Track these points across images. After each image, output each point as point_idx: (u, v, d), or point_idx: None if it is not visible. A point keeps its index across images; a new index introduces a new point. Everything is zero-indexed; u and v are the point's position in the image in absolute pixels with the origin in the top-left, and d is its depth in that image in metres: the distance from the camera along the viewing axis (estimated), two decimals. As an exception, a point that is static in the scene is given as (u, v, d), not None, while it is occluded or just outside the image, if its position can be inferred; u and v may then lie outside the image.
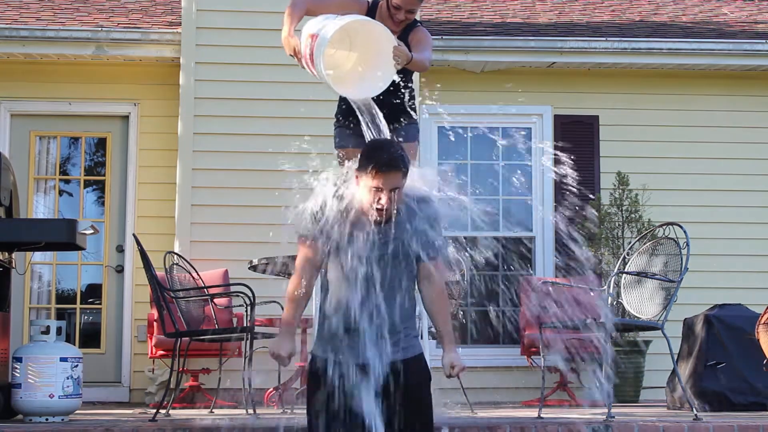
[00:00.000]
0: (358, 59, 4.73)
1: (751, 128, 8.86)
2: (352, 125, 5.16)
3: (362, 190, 3.66)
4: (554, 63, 8.64)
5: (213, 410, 6.60)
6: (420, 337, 3.87)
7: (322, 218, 3.72)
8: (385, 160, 3.61)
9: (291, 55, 4.81)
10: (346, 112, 5.17)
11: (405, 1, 5.00)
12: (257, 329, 6.14)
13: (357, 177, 3.67)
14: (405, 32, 5.12)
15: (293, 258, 5.30)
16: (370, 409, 3.61)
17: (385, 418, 3.64)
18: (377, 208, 3.64)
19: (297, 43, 4.76)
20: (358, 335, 3.65)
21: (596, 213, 8.35)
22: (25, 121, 8.53)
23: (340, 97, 5.22)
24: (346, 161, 5.19)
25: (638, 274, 5.89)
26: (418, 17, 8.07)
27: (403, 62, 4.58)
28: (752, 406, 6.21)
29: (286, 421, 5.18)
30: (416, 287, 3.83)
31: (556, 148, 8.70)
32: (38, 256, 8.32)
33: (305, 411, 3.75)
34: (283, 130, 8.02)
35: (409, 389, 3.65)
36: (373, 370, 3.63)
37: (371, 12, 5.14)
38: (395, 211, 3.69)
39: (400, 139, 5.13)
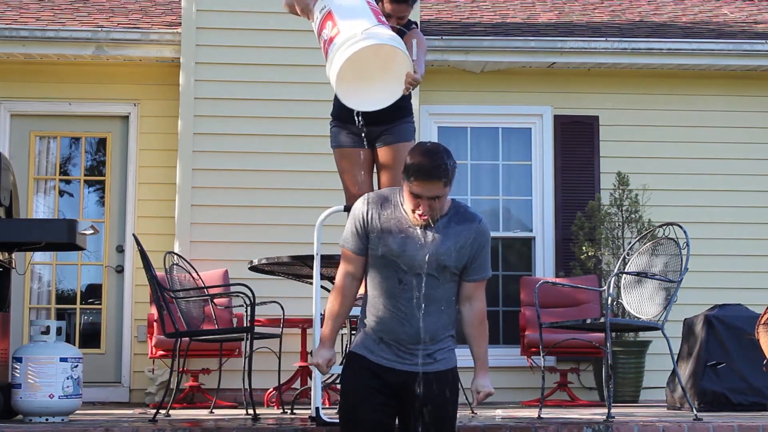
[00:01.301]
0: (368, 69, 4.65)
1: (751, 128, 8.86)
2: (347, 125, 5.16)
3: (405, 194, 3.62)
4: (554, 63, 8.64)
5: (213, 410, 6.60)
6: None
7: (363, 228, 3.66)
8: (426, 168, 3.56)
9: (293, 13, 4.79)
10: (341, 111, 5.17)
11: (395, 10, 5.03)
12: (257, 329, 6.14)
13: (403, 180, 3.63)
14: (399, 35, 5.10)
15: (294, 258, 5.31)
16: (389, 413, 3.60)
17: (409, 426, 3.62)
18: (418, 215, 3.59)
19: (310, 9, 4.69)
20: (388, 338, 3.61)
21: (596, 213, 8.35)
22: (25, 121, 8.54)
23: (336, 96, 5.21)
24: (342, 161, 5.24)
25: (638, 274, 5.89)
26: (417, 18, 8.12)
27: (413, 84, 4.61)
28: (752, 406, 6.22)
29: (287, 422, 5.19)
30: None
31: (556, 148, 8.71)
32: (38, 256, 8.32)
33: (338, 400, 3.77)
34: (282, 130, 8.03)
35: (435, 402, 3.61)
36: (397, 375, 3.60)
37: None
38: (437, 219, 3.64)
39: (395, 139, 5.14)
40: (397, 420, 3.66)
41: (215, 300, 6.41)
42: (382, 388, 3.60)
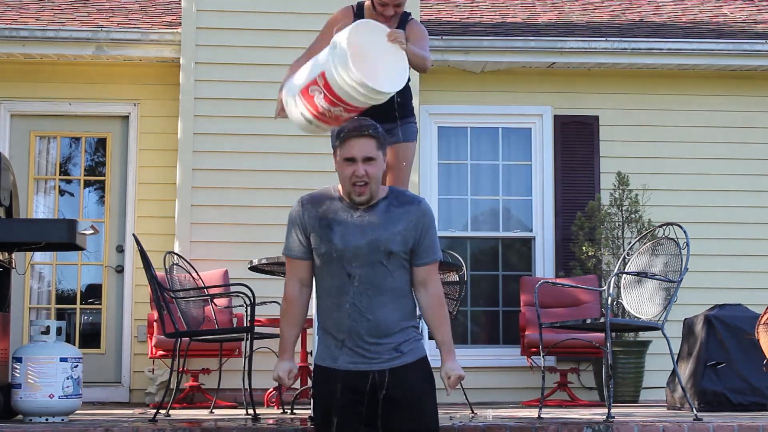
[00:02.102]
0: (367, 61, 4.60)
1: (751, 128, 8.86)
2: None
3: (340, 173, 3.55)
4: (554, 63, 8.64)
5: (213, 410, 6.60)
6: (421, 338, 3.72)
7: (302, 230, 3.60)
8: (353, 125, 3.54)
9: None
10: None
11: None
12: (257, 329, 6.14)
13: (335, 159, 3.57)
14: (400, 27, 5.10)
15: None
16: (366, 421, 3.52)
17: (391, 426, 3.53)
18: (354, 183, 3.50)
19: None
20: (349, 339, 3.53)
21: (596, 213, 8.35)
22: (25, 121, 8.54)
23: None
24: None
25: (638, 274, 5.89)
26: (417, 15, 8.13)
27: (403, 39, 4.56)
28: (752, 406, 6.21)
29: (287, 422, 5.19)
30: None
31: (556, 148, 8.71)
32: (38, 256, 8.32)
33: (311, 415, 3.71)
34: (283, 130, 7.99)
35: (410, 397, 3.53)
36: (367, 378, 3.52)
37: (358, 16, 5.13)
38: (377, 199, 3.56)
39: (398, 139, 5.14)
40: (379, 423, 3.55)
41: (215, 300, 6.41)
42: (354, 396, 3.51)
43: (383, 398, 3.52)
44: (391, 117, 5.08)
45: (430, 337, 3.73)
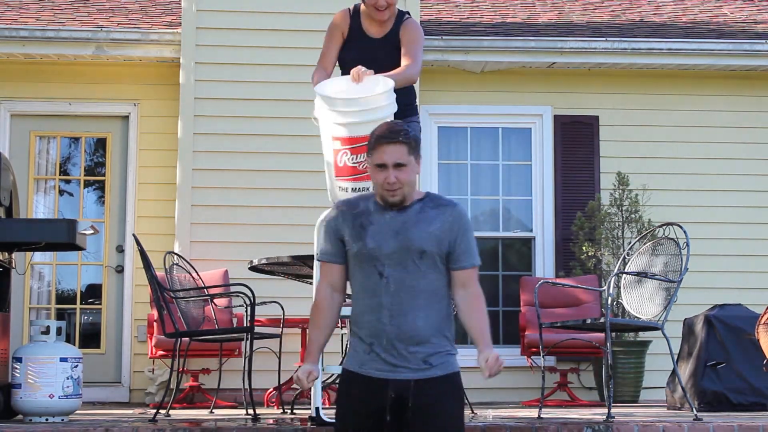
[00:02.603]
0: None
1: (751, 128, 8.85)
2: None
3: (372, 178, 3.49)
4: (554, 63, 8.64)
5: (213, 410, 6.60)
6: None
7: (335, 232, 3.54)
8: (383, 131, 3.46)
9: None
10: None
11: None
12: (257, 329, 6.14)
13: (367, 160, 3.53)
14: (395, 27, 5.10)
15: (294, 258, 5.31)
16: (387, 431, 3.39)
17: None
18: (386, 189, 3.43)
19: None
20: (377, 344, 3.42)
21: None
22: (25, 121, 8.54)
23: None
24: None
25: (638, 274, 5.89)
26: (417, 15, 8.13)
27: (365, 71, 4.67)
28: (752, 406, 6.21)
29: (287, 422, 5.19)
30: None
31: (556, 148, 8.71)
32: (38, 256, 8.32)
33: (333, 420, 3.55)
34: (283, 130, 8.03)
35: (434, 413, 3.39)
36: (391, 387, 3.39)
37: (355, 19, 5.14)
38: (410, 200, 3.48)
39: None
40: None
41: (215, 300, 6.41)
42: (377, 404, 3.39)
43: (407, 410, 3.39)
44: (395, 116, 5.07)
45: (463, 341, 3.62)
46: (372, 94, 4.64)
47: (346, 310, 3.70)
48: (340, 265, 3.55)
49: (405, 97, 5.11)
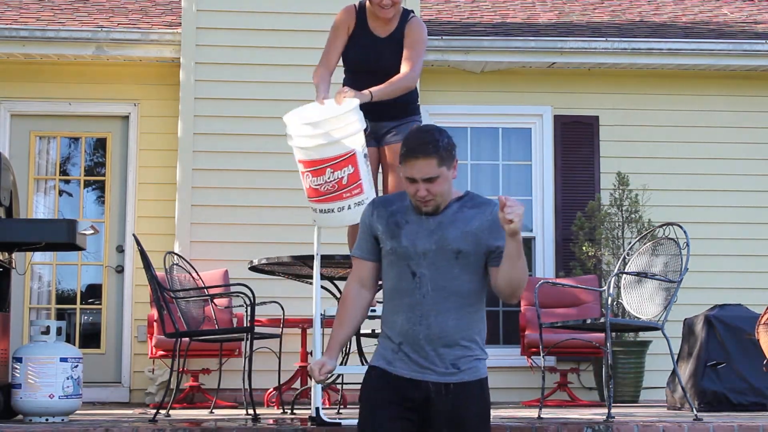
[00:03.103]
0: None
1: (751, 128, 8.86)
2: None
3: (405, 187, 3.41)
4: (554, 63, 8.64)
5: (213, 410, 6.60)
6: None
7: (369, 229, 3.47)
8: (412, 146, 3.34)
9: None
10: None
11: None
12: (257, 329, 6.14)
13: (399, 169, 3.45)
14: (401, 26, 5.09)
15: (294, 258, 5.31)
16: (411, 429, 3.32)
17: None
18: (417, 201, 3.36)
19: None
20: (405, 344, 3.35)
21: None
22: (25, 121, 8.54)
23: None
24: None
25: (638, 274, 5.89)
26: (418, 12, 8.12)
27: (349, 92, 4.73)
28: (752, 406, 6.21)
29: (287, 422, 5.19)
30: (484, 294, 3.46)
31: (556, 148, 8.71)
32: (38, 256, 8.32)
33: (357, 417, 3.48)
34: (282, 130, 7.98)
35: (461, 419, 3.32)
36: (419, 388, 3.33)
37: (360, 15, 5.13)
38: (445, 205, 3.42)
39: (400, 137, 5.13)
40: None
41: (215, 300, 6.41)
42: (401, 402, 3.32)
43: (432, 413, 3.32)
44: (395, 116, 5.07)
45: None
46: (326, 117, 4.66)
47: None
48: (371, 262, 3.49)
49: (407, 96, 5.11)
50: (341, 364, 5.94)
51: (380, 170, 5.25)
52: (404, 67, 5.00)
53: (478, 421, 3.37)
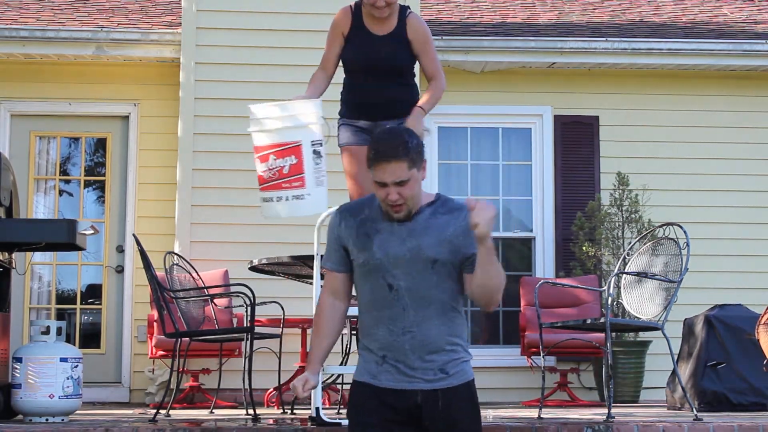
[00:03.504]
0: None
1: (751, 128, 8.86)
2: (355, 122, 5.14)
3: (375, 191, 3.29)
4: (554, 63, 8.64)
5: (213, 410, 6.60)
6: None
7: (338, 240, 3.36)
8: (381, 149, 3.22)
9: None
10: (350, 109, 5.17)
11: None
12: (257, 329, 6.14)
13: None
14: (400, 25, 5.08)
15: (294, 258, 5.31)
16: None
17: None
18: (389, 206, 3.24)
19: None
20: (390, 356, 3.26)
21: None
22: (25, 121, 8.54)
23: (342, 94, 5.21)
24: (350, 159, 5.19)
25: (638, 274, 5.89)
26: (417, 10, 8.12)
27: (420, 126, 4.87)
28: (752, 406, 6.21)
29: (287, 422, 5.19)
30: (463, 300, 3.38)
31: (556, 148, 8.71)
32: (38, 256, 8.32)
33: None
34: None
35: (452, 423, 3.26)
36: (408, 398, 3.24)
37: (357, 16, 5.11)
38: (420, 205, 3.30)
39: None
40: None
41: (215, 300, 6.41)
42: (391, 416, 3.25)
43: (423, 421, 3.25)
44: (395, 115, 5.07)
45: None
46: (283, 104, 4.75)
47: (352, 310, 3.59)
48: (342, 273, 3.38)
49: (408, 96, 5.11)
50: (341, 364, 5.95)
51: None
52: (433, 72, 5.11)
53: (470, 423, 3.31)
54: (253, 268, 5.72)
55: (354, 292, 3.44)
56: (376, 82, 5.03)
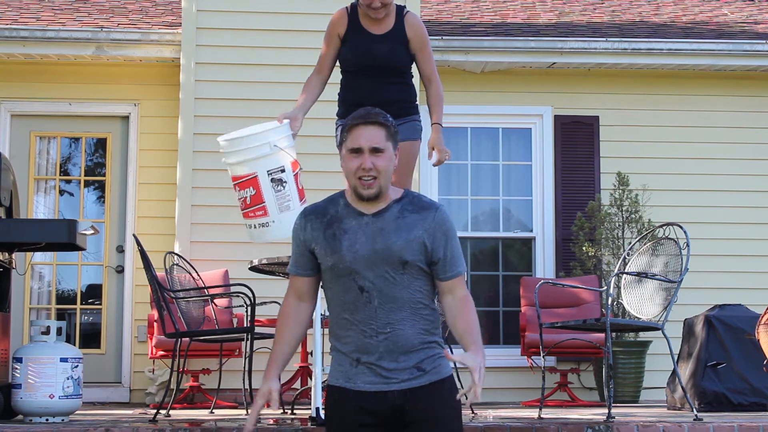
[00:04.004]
0: None
1: (751, 129, 8.86)
2: None
3: (345, 168, 3.22)
4: (554, 63, 8.64)
5: (213, 410, 6.60)
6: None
7: (303, 244, 3.29)
8: (359, 114, 3.21)
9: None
10: (348, 109, 5.16)
11: None
12: (257, 329, 6.14)
13: (341, 154, 3.29)
14: (398, 24, 5.07)
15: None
16: None
17: None
18: (360, 177, 3.17)
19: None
20: (364, 357, 3.20)
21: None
22: (25, 121, 8.54)
23: (340, 94, 5.21)
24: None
25: (638, 274, 5.89)
26: (417, 11, 8.13)
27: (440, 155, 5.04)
28: (752, 406, 6.22)
29: (287, 422, 5.19)
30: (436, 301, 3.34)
31: (556, 148, 8.71)
32: (38, 256, 8.32)
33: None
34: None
35: (433, 420, 3.20)
36: (385, 399, 3.18)
37: (353, 17, 5.11)
38: (389, 201, 3.24)
39: (402, 137, 5.13)
40: None
41: (215, 300, 6.41)
42: (371, 419, 3.19)
43: (403, 421, 3.19)
44: (396, 114, 5.06)
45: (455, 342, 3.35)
46: (240, 136, 4.85)
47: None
48: (307, 277, 3.31)
49: (406, 95, 5.11)
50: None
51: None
52: (429, 74, 5.13)
53: (451, 420, 3.24)
54: (253, 268, 5.72)
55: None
56: (374, 81, 5.03)
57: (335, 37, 5.12)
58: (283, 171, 4.76)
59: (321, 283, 3.36)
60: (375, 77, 5.03)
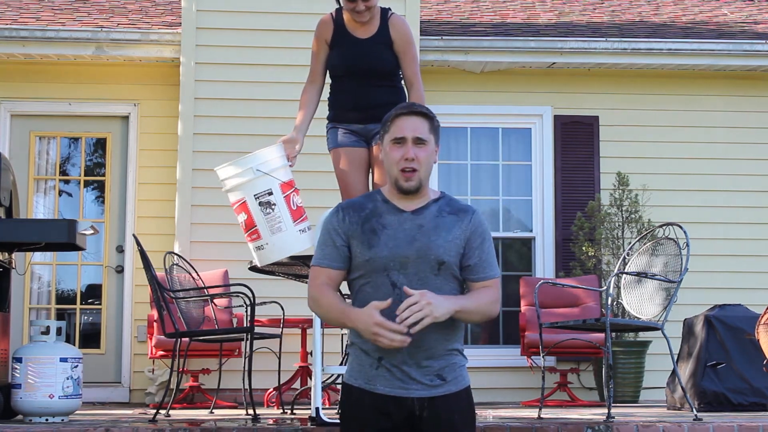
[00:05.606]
0: None
1: (751, 129, 8.86)
2: (345, 124, 5.14)
3: (387, 159, 3.22)
4: (554, 63, 8.64)
5: (213, 410, 6.60)
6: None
7: (341, 236, 3.24)
8: (404, 106, 3.26)
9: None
10: (338, 113, 5.17)
11: None
12: (257, 329, 6.14)
13: (382, 148, 3.28)
14: (383, 27, 5.06)
15: (294, 258, 5.30)
16: None
17: None
18: (402, 168, 3.17)
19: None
20: (386, 359, 3.15)
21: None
22: (25, 121, 8.54)
23: (330, 99, 5.22)
24: (341, 160, 5.20)
25: (638, 274, 5.89)
26: (416, 18, 8.13)
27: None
28: (752, 406, 6.22)
29: (287, 422, 5.19)
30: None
31: (556, 148, 8.71)
32: (38, 256, 8.32)
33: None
34: (282, 130, 7.98)
35: (452, 429, 3.17)
36: (403, 405, 3.15)
37: (338, 22, 5.10)
38: (425, 194, 3.24)
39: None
40: None
41: (215, 300, 6.41)
42: (388, 423, 3.16)
43: (420, 428, 3.16)
44: (382, 118, 5.05)
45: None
46: (228, 165, 4.88)
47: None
48: (340, 271, 3.25)
49: (395, 98, 5.09)
50: (341, 364, 5.94)
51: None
52: (411, 77, 5.06)
53: (467, 430, 3.22)
54: (253, 268, 5.72)
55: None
56: (363, 85, 5.04)
57: (323, 44, 5.14)
58: (270, 194, 4.82)
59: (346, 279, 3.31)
60: (363, 81, 5.03)
